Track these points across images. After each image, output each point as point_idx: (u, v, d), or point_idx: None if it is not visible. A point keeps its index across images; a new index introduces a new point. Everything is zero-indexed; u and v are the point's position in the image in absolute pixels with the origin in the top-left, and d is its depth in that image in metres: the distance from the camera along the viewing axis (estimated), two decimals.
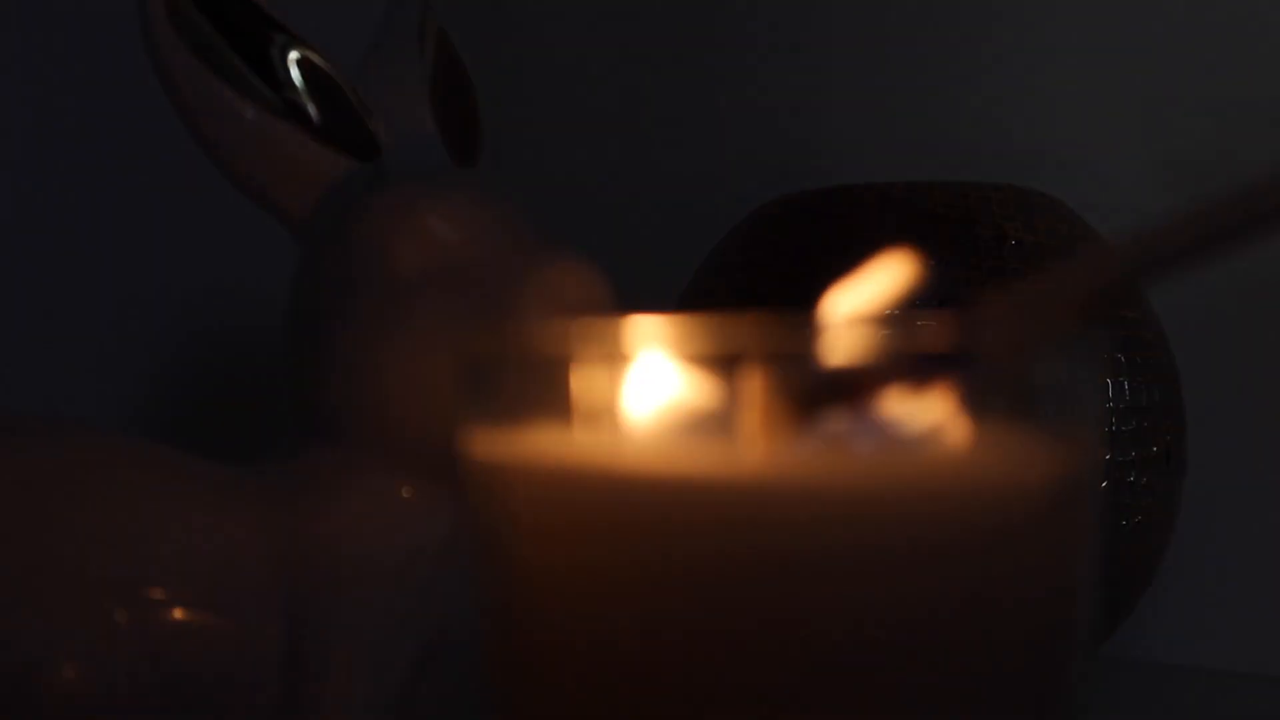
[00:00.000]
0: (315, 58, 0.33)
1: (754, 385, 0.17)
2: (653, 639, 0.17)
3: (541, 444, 0.18)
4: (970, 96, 0.47)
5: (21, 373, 0.44)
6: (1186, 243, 0.16)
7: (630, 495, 0.17)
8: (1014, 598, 0.17)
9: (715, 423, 0.17)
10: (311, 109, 0.33)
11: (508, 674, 0.19)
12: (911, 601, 0.16)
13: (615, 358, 0.17)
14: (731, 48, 0.55)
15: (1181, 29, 0.45)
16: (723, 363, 0.17)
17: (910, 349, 0.17)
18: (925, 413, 0.17)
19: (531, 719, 0.18)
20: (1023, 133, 0.43)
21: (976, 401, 0.17)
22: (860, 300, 0.19)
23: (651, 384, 0.17)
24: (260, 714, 0.29)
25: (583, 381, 0.17)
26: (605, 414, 0.17)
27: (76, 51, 0.45)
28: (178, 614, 0.29)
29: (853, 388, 0.16)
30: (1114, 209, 0.44)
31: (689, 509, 0.16)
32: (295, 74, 0.32)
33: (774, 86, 0.54)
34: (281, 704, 0.30)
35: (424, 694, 0.31)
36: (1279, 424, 0.43)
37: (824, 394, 0.16)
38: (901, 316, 0.18)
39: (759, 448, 0.17)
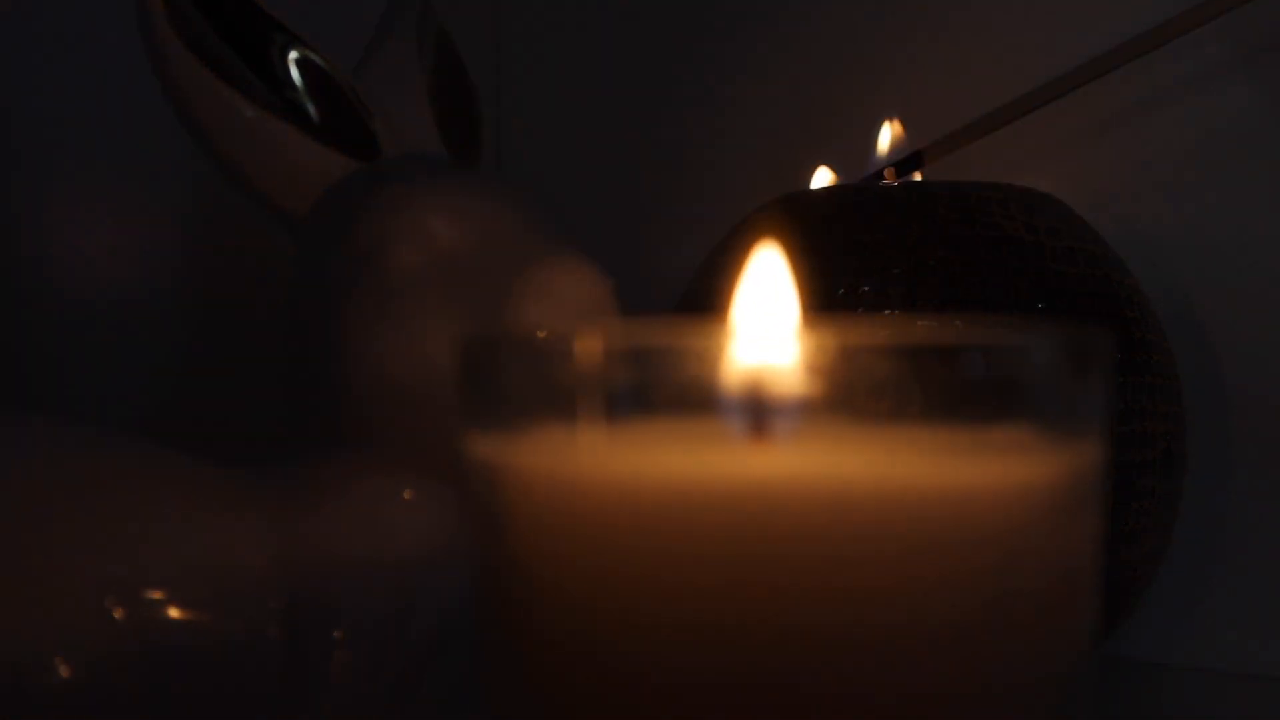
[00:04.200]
0: (315, 58, 0.33)
1: (753, 386, 0.17)
2: (653, 639, 0.17)
3: (541, 444, 0.18)
4: (971, 96, 0.47)
5: (23, 373, 0.44)
6: None
7: (629, 496, 0.17)
8: (1015, 598, 0.17)
9: (715, 423, 0.17)
10: (311, 109, 0.33)
11: (507, 674, 0.19)
12: (911, 602, 0.16)
13: (615, 358, 0.17)
14: (732, 47, 0.55)
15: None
16: (722, 364, 0.17)
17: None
18: (926, 411, 0.17)
19: (530, 719, 0.18)
20: (1023, 133, 0.43)
21: (977, 402, 0.17)
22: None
23: (652, 383, 0.17)
24: (260, 713, 0.29)
25: (583, 381, 0.17)
26: (606, 416, 0.17)
27: (77, 51, 0.45)
28: (177, 614, 0.29)
29: None
30: (1113, 209, 0.44)
31: (688, 510, 0.16)
32: (295, 74, 0.32)
33: (774, 86, 0.54)
34: (281, 704, 0.30)
35: (424, 694, 0.31)
36: (1279, 424, 0.43)
37: None
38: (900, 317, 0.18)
39: (757, 449, 0.17)
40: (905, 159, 0.42)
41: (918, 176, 0.43)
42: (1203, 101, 0.45)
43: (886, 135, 0.43)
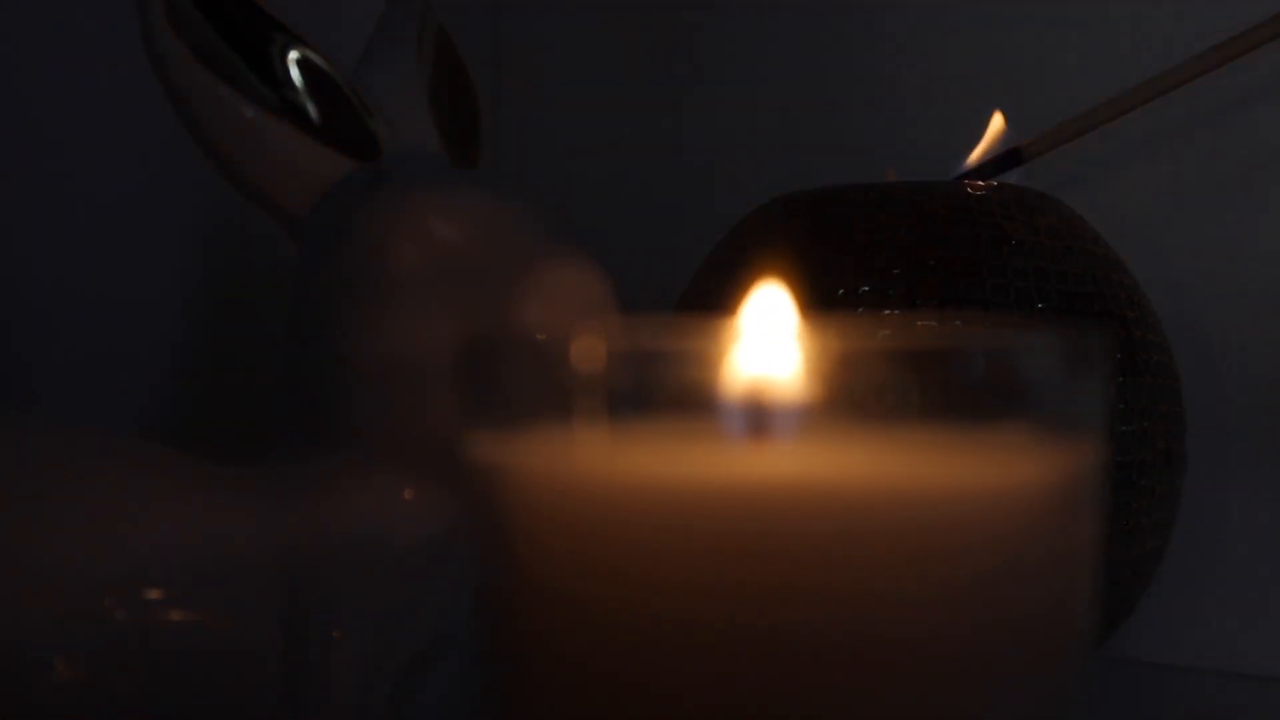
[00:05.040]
0: (315, 58, 0.33)
1: (753, 385, 0.17)
2: (652, 641, 0.17)
3: (541, 445, 0.18)
4: (971, 96, 0.47)
5: (23, 374, 0.44)
6: None
7: (629, 497, 0.17)
8: (1015, 598, 0.17)
9: (715, 424, 0.17)
10: (311, 109, 0.32)
11: (507, 673, 0.19)
12: (910, 602, 0.16)
13: (617, 358, 0.17)
14: (732, 47, 0.55)
15: (1182, 30, 0.45)
16: (723, 363, 0.17)
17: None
18: (925, 411, 0.17)
19: (531, 719, 0.18)
20: (1023, 133, 0.43)
21: (977, 402, 0.17)
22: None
23: (652, 384, 0.17)
24: (259, 714, 0.29)
25: (583, 382, 0.17)
26: (606, 416, 0.17)
27: (77, 51, 0.45)
28: (177, 614, 0.29)
29: None
30: (1115, 210, 0.44)
31: (687, 511, 0.16)
32: (295, 74, 0.32)
33: (774, 86, 0.54)
34: (280, 704, 0.30)
35: (424, 694, 0.31)
36: (1279, 424, 0.43)
37: None
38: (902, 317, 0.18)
39: (757, 450, 0.17)
40: (1001, 156, 0.40)
41: (1012, 178, 0.41)
42: (1208, 106, 0.45)
43: (994, 128, 0.41)
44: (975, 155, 0.41)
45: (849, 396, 0.17)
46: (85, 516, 0.29)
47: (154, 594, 0.29)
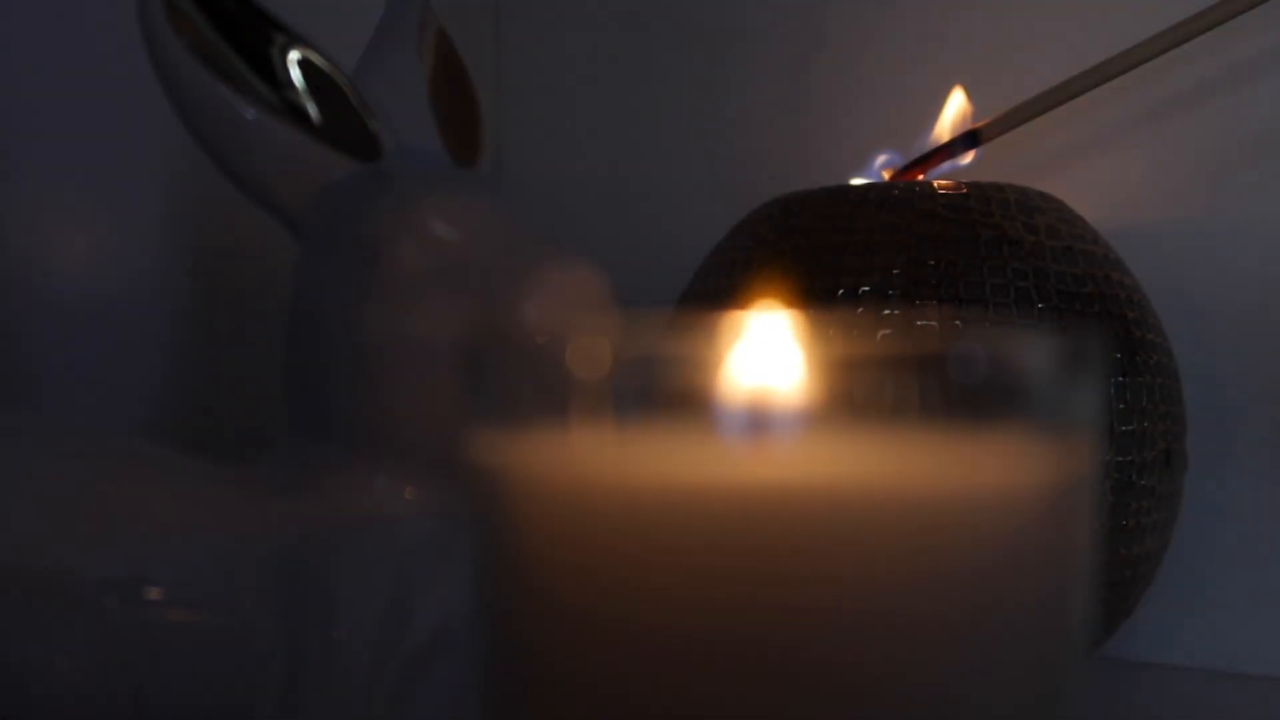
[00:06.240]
0: (315, 58, 0.33)
1: (753, 386, 0.17)
2: (653, 639, 0.17)
3: (542, 447, 0.18)
4: (971, 96, 0.47)
5: (22, 374, 0.44)
6: None
7: (629, 499, 0.17)
8: (1013, 599, 0.17)
9: (716, 426, 0.17)
10: (311, 109, 0.32)
11: (508, 674, 0.19)
12: (909, 602, 0.16)
13: (617, 359, 0.17)
14: (732, 47, 0.55)
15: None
16: (723, 365, 0.17)
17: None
18: (924, 412, 0.17)
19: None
20: (1023, 133, 0.43)
21: (977, 402, 0.17)
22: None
23: (653, 386, 0.17)
24: (260, 713, 0.29)
25: (584, 383, 0.17)
26: (606, 417, 0.17)
27: (77, 50, 0.45)
28: (177, 614, 0.29)
29: None
30: (1114, 209, 0.44)
31: (688, 513, 0.16)
32: (295, 74, 0.32)
33: (774, 86, 0.54)
34: (281, 704, 0.30)
35: (424, 693, 0.31)
36: (1279, 424, 0.43)
37: None
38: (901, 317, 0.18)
39: (758, 452, 0.17)
40: (960, 138, 0.40)
41: (969, 157, 0.41)
42: (1207, 105, 0.45)
43: (955, 104, 0.42)
44: (936, 133, 0.41)
45: (849, 397, 0.17)
46: (85, 516, 0.29)
47: (154, 594, 0.29)
